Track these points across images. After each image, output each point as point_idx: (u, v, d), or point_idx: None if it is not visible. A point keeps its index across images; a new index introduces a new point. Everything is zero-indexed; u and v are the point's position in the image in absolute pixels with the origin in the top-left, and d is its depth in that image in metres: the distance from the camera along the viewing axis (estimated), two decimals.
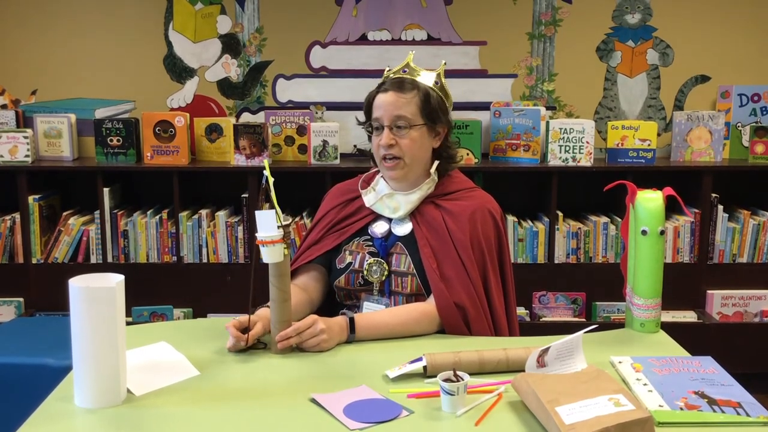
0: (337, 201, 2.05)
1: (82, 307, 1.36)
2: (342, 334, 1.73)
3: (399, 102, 1.86)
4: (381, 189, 1.97)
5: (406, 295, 1.90)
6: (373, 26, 3.54)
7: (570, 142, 3.31)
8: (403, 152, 1.87)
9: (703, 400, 1.40)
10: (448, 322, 1.83)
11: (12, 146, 3.32)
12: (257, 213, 1.62)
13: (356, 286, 1.94)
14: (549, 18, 3.52)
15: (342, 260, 1.96)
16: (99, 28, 3.52)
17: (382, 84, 1.91)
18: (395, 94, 1.87)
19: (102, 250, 3.35)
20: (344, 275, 1.95)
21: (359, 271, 1.93)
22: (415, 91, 1.88)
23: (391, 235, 1.94)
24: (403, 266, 1.91)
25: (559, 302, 3.39)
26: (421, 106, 1.88)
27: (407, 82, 1.89)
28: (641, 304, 1.79)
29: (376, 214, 1.97)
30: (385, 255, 1.92)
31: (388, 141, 1.86)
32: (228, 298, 3.34)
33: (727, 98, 3.52)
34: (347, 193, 2.05)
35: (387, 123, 1.87)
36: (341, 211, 2.02)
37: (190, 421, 1.36)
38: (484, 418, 1.36)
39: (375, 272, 1.91)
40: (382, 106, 1.88)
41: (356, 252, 1.95)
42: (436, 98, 1.90)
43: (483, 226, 1.92)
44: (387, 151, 1.87)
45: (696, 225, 3.36)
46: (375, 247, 1.94)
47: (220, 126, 3.46)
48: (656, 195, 1.76)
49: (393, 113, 1.86)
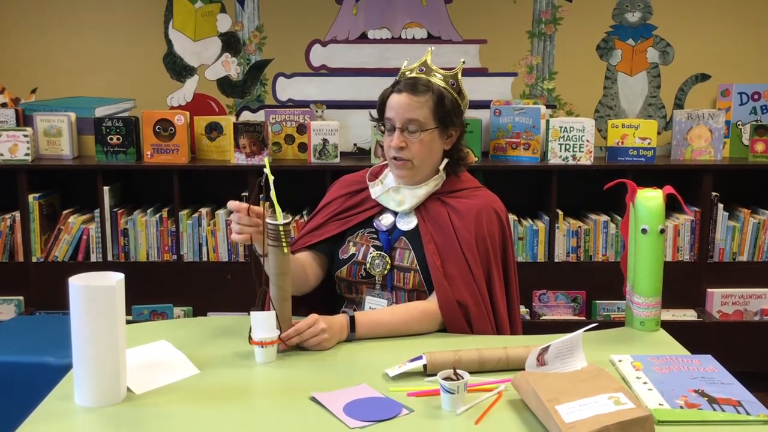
0: (344, 191, 2.05)
1: (83, 305, 1.36)
2: (342, 332, 1.73)
3: (412, 104, 1.85)
4: (388, 182, 1.97)
5: (407, 290, 1.90)
6: (373, 25, 3.53)
7: (570, 140, 3.30)
8: (412, 155, 1.87)
9: (703, 398, 1.40)
10: (450, 320, 1.83)
11: (12, 145, 3.32)
12: (253, 314, 1.61)
13: (357, 278, 1.93)
14: (549, 16, 3.52)
15: (345, 251, 1.96)
16: (99, 27, 3.52)
17: (397, 83, 1.90)
18: (409, 96, 1.85)
19: (102, 249, 3.35)
20: (346, 266, 1.94)
21: (362, 263, 1.93)
22: (429, 94, 1.86)
23: (396, 230, 1.94)
24: (406, 261, 1.90)
25: (559, 301, 3.39)
26: (433, 109, 1.86)
27: (421, 83, 1.87)
28: (641, 303, 1.79)
29: (382, 207, 1.97)
30: (389, 249, 1.92)
31: (398, 143, 1.86)
32: (228, 297, 3.34)
33: (728, 97, 3.52)
34: (354, 184, 2.05)
35: (398, 125, 1.86)
36: (347, 201, 2.02)
37: (190, 420, 1.36)
38: (484, 416, 1.36)
39: (377, 266, 1.91)
40: (394, 107, 1.86)
41: (360, 244, 1.95)
42: (451, 100, 1.89)
43: (488, 224, 1.92)
44: (397, 153, 1.87)
45: (696, 223, 3.36)
46: (379, 241, 1.93)
47: (220, 124, 3.46)
48: (656, 193, 1.76)
49: (405, 116, 1.85)
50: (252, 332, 1.62)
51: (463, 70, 1.95)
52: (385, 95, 1.92)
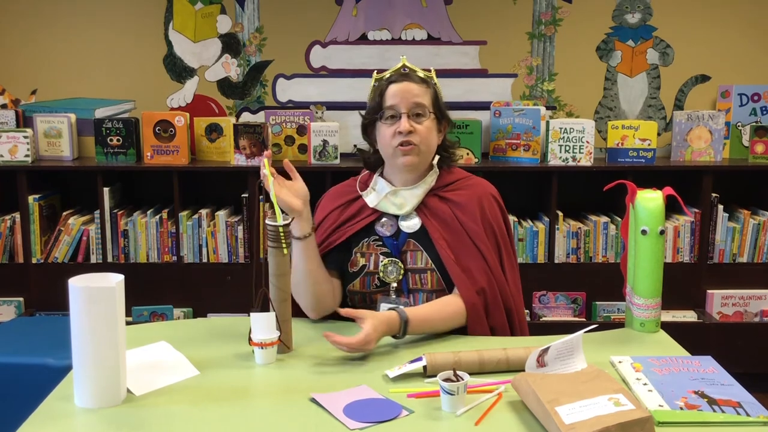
0: (337, 203, 2.00)
1: (82, 307, 1.36)
2: (392, 331, 1.70)
3: (417, 90, 1.85)
4: (381, 188, 1.94)
5: (426, 291, 1.87)
6: (373, 26, 3.54)
7: (570, 141, 3.31)
8: (420, 139, 1.84)
9: (703, 399, 1.40)
10: (473, 315, 1.80)
11: (12, 146, 3.32)
12: (252, 315, 1.61)
13: (372, 289, 1.90)
14: (549, 17, 3.52)
15: (354, 263, 1.92)
16: (99, 28, 3.52)
17: (388, 78, 1.88)
18: (410, 83, 1.85)
19: (102, 250, 3.35)
20: (359, 279, 1.91)
21: (374, 272, 1.89)
22: (426, 85, 1.88)
23: (401, 233, 1.91)
24: (420, 263, 1.88)
25: (559, 302, 3.39)
26: (433, 98, 1.89)
27: (416, 76, 1.88)
28: (641, 304, 1.79)
29: (379, 212, 1.93)
30: (398, 254, 1.89)
31: (407, 127, 1.81)
32: (228, 298, 3.34)
33: (727, 98, 3.52)
34: (345, 195, 2.01)
35: (405, 110, 1.83)
36: (343, 213, 1.97)
37: (190, 421, 1.36)
38: (484, 417, 1.36)
39: (391, 272, 1.88)
40: (398, 93, 1.84)
41: (368, 253, 1.91)
42: (440, 95, 1.92)
43: (491, 211, 1.93)
44: (406, 137, 1.82)
45: (696, 225, 3.36)
46: (387, 247, 1.90)
47: (220, 126, 3.46)
48: (656, 195, 1.76)
49: (411, 100, 1.84)
50: (252, 333, 1.62)
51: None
52: (381, 87, 1.87)
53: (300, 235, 1.80)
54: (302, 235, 1.80)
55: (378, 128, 1.89)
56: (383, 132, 1.87)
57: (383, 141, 1.88)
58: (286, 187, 1.77)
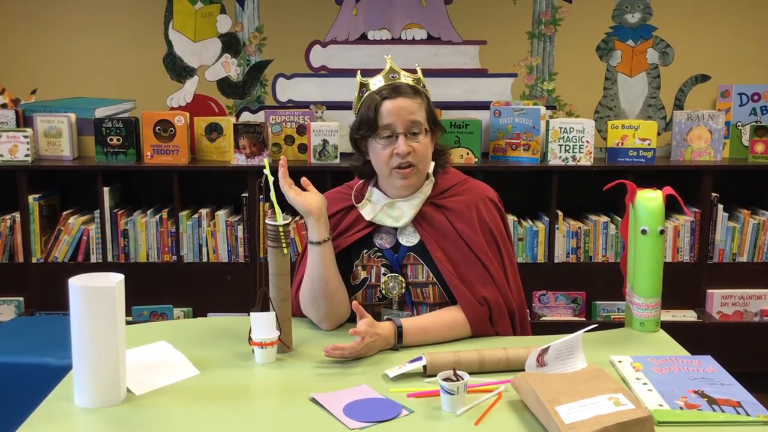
0: (335, 208, 1.93)
1: (82, 306, 1.36)
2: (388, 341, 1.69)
3: (412, 107, 1.78)
4: (377, 199, 1.89)
5: (429, 304, 1.85)
6: (373, 25, 3.54)
7: (570, 141, 3.31)
8: (418, 159, 1.79)
9: (702, 399, 1.40)
10: (477, 324, 1.78)
11: (12, 146, 3.32)
12: (252, 314, 1.61)
13: (375, 302, 1.87)
14: (549, 17, 3.52)
15: (356, 276, 1.88)
16: (99, 28, 3.52)
17: (380, 91, 1.81)
18: (405, 99, 1.78)
19: (102, 250, 3.35)
20: (361, 291, 1.87)
21: (376, 285, 1.86)
22: (420, 97, 1.82)
23: (401, 247, 1.87)
24: (421, 276, 1.85)
25: (559, 301, 3.39)
26: (427, 110, 1.82)
27: (408, 87, 1.81)
28: (641, 304, 1.79)
29: (376, 224, 1.89)
30: (399, 267, 1.86)
31: (406, 149, 1.76)
32: (228, 298, 3.34)
33: (727, 97, 3.52)
34: (341, 201, 1.94)
35: (402, 129, 1.77)
36: (342, 220, 1.92)
37: (190, 421, 1.36)
38: (483, 417, 1.36)
39: (393, 288, 1.85)
40: (393, 112, 1.77)
41: (369, 266, 1.87)
42: (430, 100, 1.87)
43: (489, 215, 1.89)
44: (404, 159, 1.77)
45: (696, 224, 3.36)
46: (387, 260, 1.87)
47: (220, 125, 3.46)
48: (656, 194, 1.76)
49: (408, 118, 1.77)
50: (252, 333, 1.62)
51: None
52: (375, 104, 1.79)
53: (318, 240, 1.77)
54: (320, 239, 1.77)
55: (371, 144, 1.83)
56: (378, 151, 1.81)
57: (379, 159, 1.82)
58: (302, 196, 1.77)
